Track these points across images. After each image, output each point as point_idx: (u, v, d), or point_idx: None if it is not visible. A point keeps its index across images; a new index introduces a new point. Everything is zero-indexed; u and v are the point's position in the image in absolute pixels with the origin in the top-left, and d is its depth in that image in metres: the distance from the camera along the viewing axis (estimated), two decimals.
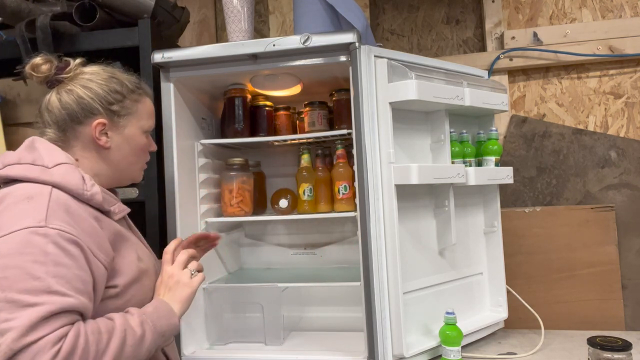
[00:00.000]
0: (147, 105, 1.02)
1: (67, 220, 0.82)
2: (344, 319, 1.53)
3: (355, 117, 1.20)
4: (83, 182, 0.88)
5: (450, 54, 1.84)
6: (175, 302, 0.94)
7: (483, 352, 1.32)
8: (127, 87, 0.97)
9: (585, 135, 1.68)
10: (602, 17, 1.71)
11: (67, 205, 0.84)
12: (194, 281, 0.99)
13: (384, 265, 1.18)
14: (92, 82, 0.95)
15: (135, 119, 0.98)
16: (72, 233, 0.81)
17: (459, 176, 1.26)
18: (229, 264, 1.60)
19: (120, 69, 1.01)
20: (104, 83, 0.95)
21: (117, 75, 0.98)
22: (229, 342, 1.41)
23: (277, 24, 1.95)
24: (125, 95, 0.97)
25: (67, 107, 0.93)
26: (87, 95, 0.93)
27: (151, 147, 1.05)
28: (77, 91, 0.93)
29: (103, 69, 0.98)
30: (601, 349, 1.01)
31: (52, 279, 0.75)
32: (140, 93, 1.00)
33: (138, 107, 0.99)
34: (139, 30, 1.39)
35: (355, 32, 1.18)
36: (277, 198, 1.50)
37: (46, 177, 0.86)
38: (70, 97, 0.93)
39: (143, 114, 1.00)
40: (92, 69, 0.98)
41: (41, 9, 1.41)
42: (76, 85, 0.94)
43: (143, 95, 1.01)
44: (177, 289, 0.96)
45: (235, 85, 1.45)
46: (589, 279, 1.56)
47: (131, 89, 0.98)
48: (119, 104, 0.96)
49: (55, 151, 0.91)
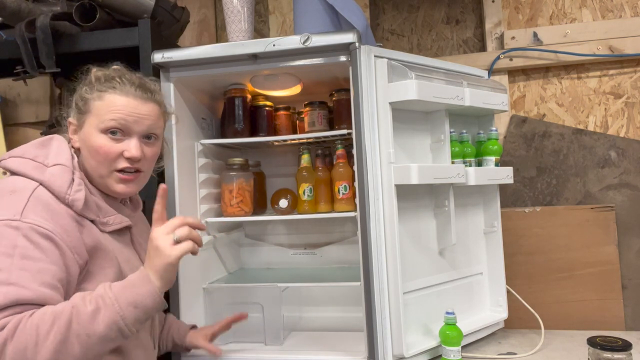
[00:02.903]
0: (108, 102, 0.93)
1: (44, 215, 0.82)
2: (344, 319, 1.53)
3: (355, 117, 1.20)
4: (69, 185, 0.87)
5: (450, 54, 1.84)
6: (152, 270, 0.85)
7: (483, 352, 1.32)
8: (90, 85, 0.95)
9: (585, 135, 1.68)
10: (602, 17, 1.71)
11: (47, 203, 0.84)
12: (174, 250, 0.85)
13: (384, 265, 1.18)
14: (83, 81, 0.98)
15: (92, 117, 0.93)
16: (47, 228, 0.81)
17: (459, 176, 1.26)
18: (229, 264, 1.60)
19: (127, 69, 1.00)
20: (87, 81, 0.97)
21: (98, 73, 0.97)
22: (229, 342, 1.41)
23: (277, 24, 1.95)
24: (85, 92, 0.95)
25: None
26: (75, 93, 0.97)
27: (126, 153, 0.93)
28: None
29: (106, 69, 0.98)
30: (601, 349, 1.01)
31: (16, 271, 0.77)
32: (103, 90, 0.94)
33: (96, 104, 0.93)
34: (139, 30, 1.38)
35: (355, 32, 1.18)
36: (277, 198, 1.50)
37: (36, 175, 0.87)
38: None
39: (100, 111, 0.92)
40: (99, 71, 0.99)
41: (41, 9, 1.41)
42: None
43: (108, 92, 0.93)
44: (154, 257, 0.85)
45: (235, 85, 1.45)
46: (588, 279, 1.56)
47: (94, 87, 0.95)
48: (79, 101, 0.95)
49: (64, 152, 0.93)
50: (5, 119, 1.47)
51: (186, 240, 0.86)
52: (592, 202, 1.63)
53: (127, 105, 0.94)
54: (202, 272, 1.42)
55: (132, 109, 0.94)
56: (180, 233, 0.86)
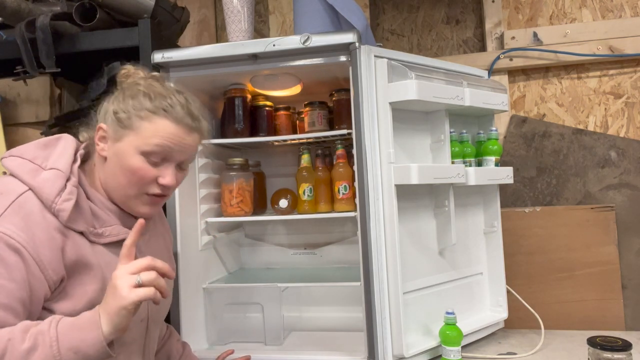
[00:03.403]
0: (156, 127, 0.88)
1: (21, 225, 0.77)
2: (344, 319, 1.53)
3: (355, 117, 1.20)
4: (58, 193, 0.82)
5: (450, 54, 1.84)
6: (104, 312, 0.76)
7: (483, 352, 1.32)
8: (144, 102, 0.88)
9: (585, 135, 1.68)
10: (602, 17, 1.71)
11: (29, 212, 0.79)
12: (132, 293, 0.75)
13: (384, 265, 1.18)
14: (129, 89, 0.91)
15: (132, 136, 0.87)
16: (18, 240, 0.76)
17: (459, 176, 1.26)
18: (229, 264, 1.60)
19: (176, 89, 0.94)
20: (132, 93, 0.90)
21: (153, 88, 0.90)
22: (229, 342, 1.41)
23: (277, 24, 1.95)
24: (134, 107, 0.88)
25: (100, 109, 0.93)
26: (113, 100, 0.91)
27: (161, 179, 0.90)
28: (113, 96, 0.92)
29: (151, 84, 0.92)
30: (601, 349, 1.01)
31: None
32: (156, 113, 0.88)
33: (143, 124, 0.87)
34: (139, 30, 1.38)
35: (355, 32, 1.18)
36: (277, 198, 1.50)
37: (28, 179, 0.83)
38: (106, 102, 0.93)
39: (144, 133, 0.87)
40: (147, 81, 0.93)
41: (41, 9, 1.41)
42: (120, 89, 0.93)
43: (158, 117, 0.88)
44: (110, 296, 0.77)
45: (235, 85, 1.45)
46: (589, 279, 1.56)
47: (147, 106, 0.88)
48: (123, 113, 0.88)
49: (65, 156, 0.88)
50: (5, 119, 1.47)
51: (149, 287, 0.77)
52: (592, 202, 1.63)
53: (175, 134, 0.89)
54: (202, 272, 1.42)
55: (180, 139, 0.90)
56: (146, 277, 0.77)
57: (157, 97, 0.89)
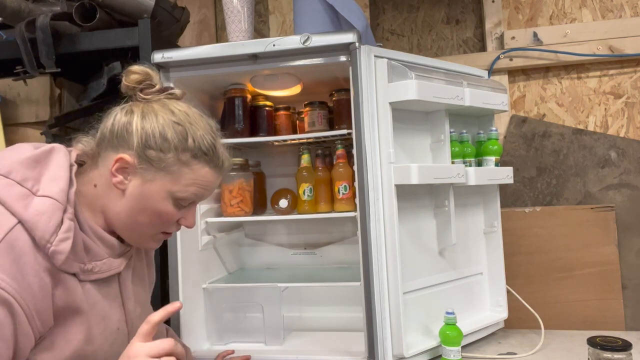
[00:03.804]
0: (196, 174, 0.81)
1: (12, 271, 0.67)
2: (344, 319, 1.53)
3: (355, 117, 1.20)
4: (54, 231, 0.70)
5: (450, 54, 1.84)
6: None
7: (483, 352, 1.32)
8: (184, 143, 0.80)
9: (585, 135, 1.68)
10: (602, 17, 1.71)
11: (20, 253, 0.68)
12: None
13: (384, 265, 1.18)
14: (156, 115, 0.81)
15: (167, 179, 0.79)
16: (9, 291, 0.65)
17: (459, 176, 1.26)
18: (229, 264, 1.60)
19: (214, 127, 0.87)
20: (165, 124, 0.80)
21: (194, 127, 0.81)
22: (229, 342, 1.41)
23: (277, 24, 1.95)
24: (174, 148, 0.79)
25: (116, 125, 0.81)
26: (137, 125, 0.79)
27: (183, 221, 0.85)
28: (135, 116, 0.81)
29: (187, 113, 0.83)
30: (601, 349, 1.01)
31: None
32: (197, 158, 0.81)
33: (182, 169, 0.80)
34: (139, 30, 1.38)
35: (355, 32, 1.18)
36: (277, 198, 1.50)
37: (18, 208, 0.70)
38: (125, 119, 0.81)
39: (182, 180, 0.80)
40: (177, 106, 0.84)
41: (41, 9, 1.41)
42: (142, 110, 0.82)
43: (199, 163, 0.81)
44: None
45: (235, 85, 1.45)
46: (588, 279, 1.56)
47: (188, 148, 0.80)
48: (159, 153, 0.79)
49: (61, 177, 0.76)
50: (5, 119, 1.47)
51: None
52: (592, 202, 1.63)
53: (212, 181, 0.84)
54: (202, 272, 1.42)
55: (214, 184, 0.86)
56: None
57: (196, 134, 0.81)
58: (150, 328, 0.74)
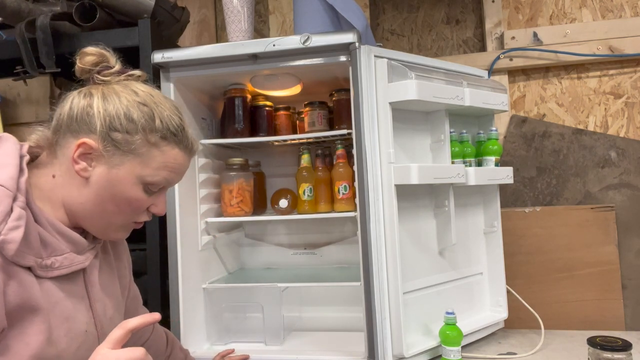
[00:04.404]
0: (166, 157, 0.77)
1: None
2: (344, 319, 1.53)
3: (355, 117, 1.20)
4: (4, 220, 0.64)
5: (450, 54, 1.84)
6: None
7: (483, 352, 1.32)
8: (152, 124, 0.76)
9: (585, 135, 1.68)
10: (602, 17, 1.71)
11: None
12: None
13: (384, 265, 1.18)
14: (118, 97, 0.76)
15: (136, 163, 0.75)
16: None
17: (459, 176, 1.26)
18: (229, 264, 1.60)
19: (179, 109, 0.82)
20: (130, 105, 0.75)
21: (160, 108, 0.78)
22: (229, 342, 1.41)
23: (277, 24, 1.95)
24: (142, 130, 0.75)
25: (73, 110, 0.76)
26: (99, 107, 0.75)
27: (153, 208, 0.81)
28: (95, 98, 0.76)
29: (151, 94, 0.79)
30: (601, 349, 1.01)
31: None
32: (166, 139, 0.77)
33: (151, 152, 0.76)
34: (139, 30, 1.38)
35: (355, 32, 1.18)
36: (277, 198, 1.50)
37: None
38: (84, 102, 0.76)
39: (152, 163, 0.76)
40: (139, 87, 0.79)
41: (41, 9, 1.41)
42: (102, 92, 0.77)
43: (169, 144, 0.77)
44: None
45: (235, 85, 1.45)
46: (588, 279, 1.56)
47: (156, 129, 0.76)
48: (126, 135, 0.74)
49: (9, 165, 0.70)
50: (5, 119, 1.47)
51: None
52: (592, 202, 1.63)
53: (183, 164, 0.81)
54: (202, 272, 1.42)
55: (185, 167, 0.81)
56: None
57: (163, 115, 0.77)
58: (123, 334, 0.68)
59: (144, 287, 1.30)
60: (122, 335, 0.68)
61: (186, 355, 1.17)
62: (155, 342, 1.07)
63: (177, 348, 1.15)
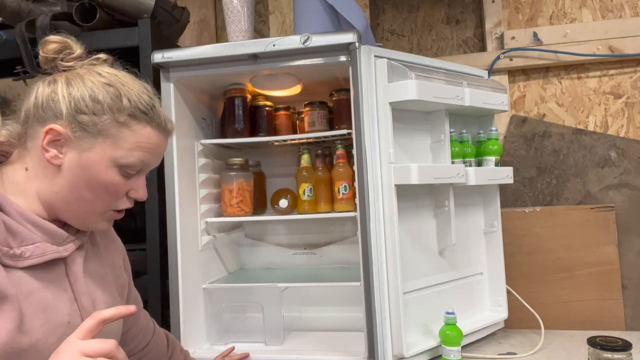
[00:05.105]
0: (138, 136, 0.75)
1: None
2: (344, 319, 1.53)
3: (355, 117, 1.20)
4: None
5: (450, 54, 1.84)
6: None
7: (483, 352, 1.32)
8: (119, 103, 0.74)
9: (585, 135, 1.68)
10: (602, 17, 1.71)
11: None
12: None
13: (384, 265, 1.18)
14: (82, 80, 0.75)
15: (107, 144, 0.73)
16: None
17: (459, 176, 1.26)
18: (229, 264, 1.60)
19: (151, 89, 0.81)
20: (94, 86, 0.74)
21: (127, 87, 0.76)
22: (229, 342, 1.41)
23: (277, 24, 1.95)
24: (109, 110, 0.73)
25: (39, 99, 0.74)
26: (63, 92, 0.73)
27: (133, 193, 0.78)
28: (58, 84, 0.74)
29: (116, 75, 0.77)
30: (601, 349, 1.01)
31: None
32: (136, 117, 0.75)
33: (121, 131, 0.74)
34: (139, 30, 1.39)
35: (355, 32, 1.18)
36: (277, 198, 1.50)
37: None
38: (48, 89, 0.74)
39: (124, 144, 0.74)
40: (104, 69, 0.78)
41: (41, 9, 1.41)
42: (66, 77, 0.75)
43: (140, 123, 0.75)
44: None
45: (235, 85, 1.45)
46: (588, 279, 1.56)
47: (124, 108, 0.74)
48: (93, 116, 0.72)
49: None
50: None
51: None
52: (592, 202, 1.63)
53: (158, 143, 0.78)
54: (202, 272, 1.42)
55: (160, 147, 0.79)
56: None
57: (131, 94, 0.75)
58: (94, 324, 0.65)
59: (144, 287, 1.30)
60: (93, 325, 0.66)
61: (186, 357, 1.17)
62: (157, 344, 1.07)
63: (177, 350, 1.15)
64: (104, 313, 0.66)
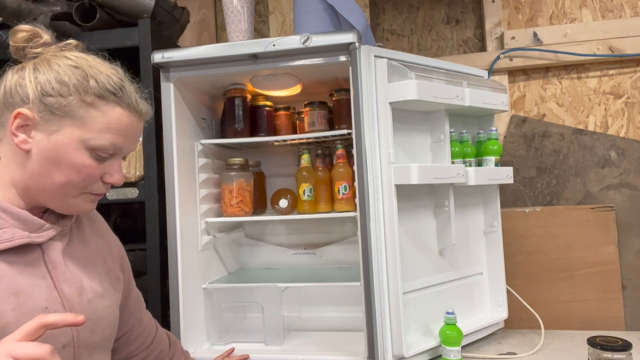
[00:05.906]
0: (107, 117, 0.74)
1: None
2: (344, 319, 1.53)
3: (355, 117, 1.20)
4: None
5: (450, 54, 1.84)
6: None
7: (483, 352, 1.32)
8: (86, 84, 0.73)
9: (585, 135, 1.68)
10: (602, 17, 1.71)
11: None
12: None
13: (384, 265, 1.18)
14: (49, 64, 0.74)
15: (75, 126, 0.73)
16: None
17: (459, 176, 1.26)
18: (229, 264, 1.60)
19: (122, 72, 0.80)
20: (61, 69, 0.73)
21: (95, 69, 0.75)
22: (229, 342, 1.41)
23: (277, 24, 1.95)
24: (75, 91, 0.73)
25: (7, 86, 0.75)
26: (30, 77, 0.73)
27: (107, 177, 0.77)
28: (26, 70, 0.74)
29: (85, 58, 0.76)
30: (601, 349, 1.01)
31: None
32: (105, 98, 0.74)
33: (89, 112, 0.73)
34: (139, 30, 1.39)
35: (355, 32, 1.18)
36: (277, 198, 1.50)
37: None
38: (16, 76, 0.74)
39: (93, 125, 0.73)
40: (72, 53, 0.77)
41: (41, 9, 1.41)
42: (34, 63, 0.75)
43: (109, 104, 0.74)
44: None
45: (235, 85, 1.46)
46: (588, 279, 1.56)
47: (91, 88, 0.73)
48: (59, 98, 0.72)
49: None
50: None
51: None
52: (592, 202, 1.64)
53: (129, 125, 0.77)
54: (202, 272, 1.42)
55: (133, 129, 0.78)
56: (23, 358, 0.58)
57: (99, 75, 0.74)
58: (34, 327, 0.62)
59: (144, 287, 1.30)
60: (33, 327, 0.62)
61: (186, 357, 1.17)
62: (160, 344, 1.07)
63: (179, 351, 1.15)
64: (48, 318, 0.63)
